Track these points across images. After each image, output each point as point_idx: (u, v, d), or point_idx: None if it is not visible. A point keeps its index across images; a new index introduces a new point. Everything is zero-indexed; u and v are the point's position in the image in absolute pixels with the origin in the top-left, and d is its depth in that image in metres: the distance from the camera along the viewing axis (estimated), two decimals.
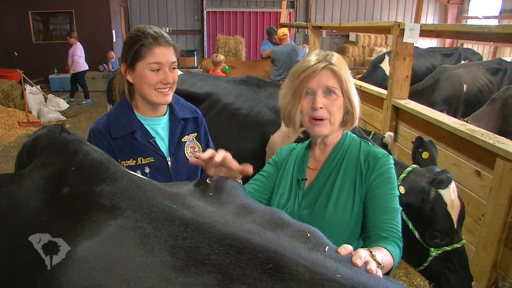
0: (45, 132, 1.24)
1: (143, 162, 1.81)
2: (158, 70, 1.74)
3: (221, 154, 1.39)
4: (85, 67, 10.83)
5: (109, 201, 1.00)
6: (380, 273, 1.06)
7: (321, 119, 1.52)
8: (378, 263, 1.17)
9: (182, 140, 1.94)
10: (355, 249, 1.55)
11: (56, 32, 13.26)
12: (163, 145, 1.87)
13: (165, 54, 1.74)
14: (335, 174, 1.58)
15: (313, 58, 1.55)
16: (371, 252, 1.20)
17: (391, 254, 1.33)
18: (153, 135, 1.84)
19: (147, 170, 1.80)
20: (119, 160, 1.78)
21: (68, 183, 1.08)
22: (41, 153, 1.19)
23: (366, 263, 1.03)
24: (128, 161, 1.79)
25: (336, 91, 1.51)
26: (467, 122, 3.31)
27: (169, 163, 1.86)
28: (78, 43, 10.56)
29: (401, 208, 1.52)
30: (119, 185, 1.04)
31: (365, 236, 1.52)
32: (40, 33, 11.94)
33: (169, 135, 1.89)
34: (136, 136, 1.80)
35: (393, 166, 1.55)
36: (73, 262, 0.87)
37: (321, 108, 1.51)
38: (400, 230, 1.46)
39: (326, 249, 0.94)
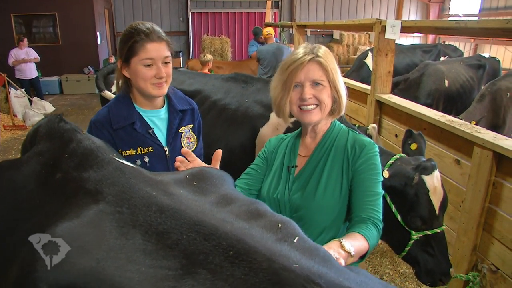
0: (45, 121, 1.33)
1: (142, 152, 1.89)
2: (151, 65, 1.80)
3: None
4: None
5: (94, 187, 1.05)
6: (342, 261, 1.17)
7: (311, 107, 1.63)
8: (347, 252, 1.29)
9: (179, 130, 2.02)
10: (341, 231, 1.66)
11: (39, 35, 13.13)
12: (161, 136, 1.96)
13: (157, 50, 1.80)
14: (324, 160, 1.68)
15: (300, 51, 1.66)
16: (340, 242, 1.31)
17: (366, 238, 1.43)
18: (151, 126, 1.92)
19: (146, 159, 1.89)
20: (120, 150, 1.85)
21: (61, 169, 1.15)
22: (40, 141, 1.27)
23: None
24: (129, 151, 1.87)
25: (323, 83, 1.62)
26: (461, 119, 3.43)
27: (167, 152, 1.95)
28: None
29: (383, 192, 1.62)
30: (105, 171, 1.10)
31: (348, 218, 1.63)
32: (24, 36, 11.81)
33: (168, 126, 1.98)
34: (135, 127, 1.87)
35: (378, 153, 1.65)
36: None
37: (310, 98, 1.62)
38: (381, 212, 1.57)
39: (295, 240, 0.97)
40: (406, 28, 3.51)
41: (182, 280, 0.84)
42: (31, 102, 9.64)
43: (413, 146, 2.33)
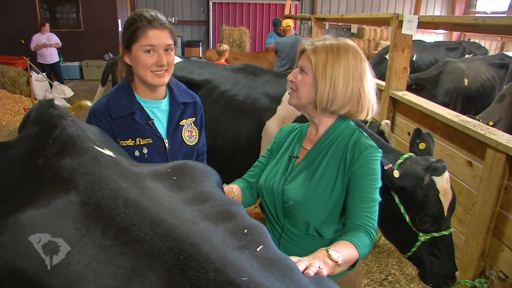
0: (36, 106, 1.32)
1: (141, 143, 1.85)
2: (152, 52, 1.77)
3: None
4: None
5: (67, 175, 1.03)
6: (325, 272, 1.13)
7: (289, 90, 1.70)
8: (335, 261, 1.25)
9: (180, 123, 1.98)
10: (334, 232, 1.61)
11: (63, 21, 13.31)
12: (161, 128, 1.92)
13: (159, 37, 1.77)
14: (322, 156, 1.65)
15: (311, 39, 1.68)
16: (327, 251, 1.27)
17: (356, 247, 1.38)
18: (151, 117, 1.89)
19: (145, 150, 1.85)
20: (119, 139, 1.83)
21: (44, 154, 1.14)
22: (29, 126, 1.26)
23: (307, 267, 1.10)
24: (127, 141, 1.84)
25: (306, 70, 1.62)
26: (479, 120, 3.33)
27: (167, 145, 1.91)
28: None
29: (380, 200, 1.56)
30: (81, 160, 1.08)
31: (342, 223, 1.59)
32: (46, 21, 12.04)
33: (168, 118, 1.94)
34: (135, 117, 1.84)
35: (378, 158, 1.60)
36: (9, 228, 0.91)
37: (290, 81, 1.67)
38: (376, 220, 1.51)
39: (258, 249, 0.91)
40: (424, 24, 3.42)
41: (128, 281, 0.82)
42: (51, 86, 9.79)
43: (422, 146, 2.27)
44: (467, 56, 7.65)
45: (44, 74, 9.81)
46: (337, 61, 1.58)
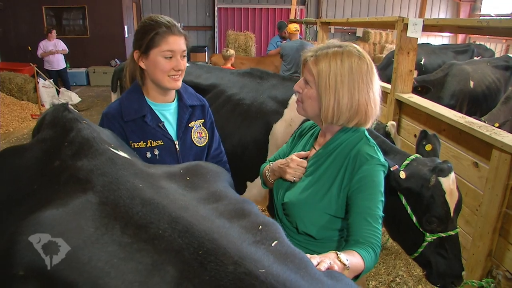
0: (51, 110, 1.37)
1: (152, 145, 1.92)
2: (171, 57, 1.85)
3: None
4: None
5: (85, 176, 1.07)
6: (336, 268, 1.15)
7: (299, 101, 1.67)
8: (343, 264, 1.25)
9: (190, 125, 2.05)
10: (336, 241, 1.64)
11: (69, 27, 13.45)
12: (171, 130, 1.99)
13: (178, 43, 1.86)
14: (323, 160, 1.65)
15: (316, 47, 1.64)
16: (337, 254, 1.28)
17: (362, 258, 1.37)
18: (162, 120, 1.96)
19: (156, 152, 1.92)
20: (131, 142, 1.89)
21: (60, 157, 1.18)
22: (44, 129, 1.30)
23: (319, 263, 1.11)
24: (139, 143, 1.91)
25: (309, 83, 1.59)
26: (484, 122, 3.34)
27: (177, 146, 1.98)
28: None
29: (383, 215, 1.53)
30: (97, 161, 1.12)
31: (346, 239, 1.57)
32: (53, 28, 12.15)
33: (177, 120, 2.01)
34: (146, 120, 1.91)
35: (381, 170, 1.57)
36: (29, 227, 0.95)
37: (298, 92, 1.64)
38: (380, 236, 1.49)
39: (272, 244, 0.94)
40: (429, 27, 3.44)
41: (149, 276, 0.85)
42: (58, 92, 9.86)
43: (428, 147, 2.29)
44: (475, 58, 7.62)
45: (51, 80, 9.89)
46: (341, 73, 1.52)
